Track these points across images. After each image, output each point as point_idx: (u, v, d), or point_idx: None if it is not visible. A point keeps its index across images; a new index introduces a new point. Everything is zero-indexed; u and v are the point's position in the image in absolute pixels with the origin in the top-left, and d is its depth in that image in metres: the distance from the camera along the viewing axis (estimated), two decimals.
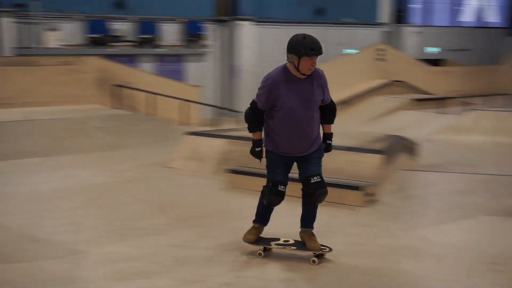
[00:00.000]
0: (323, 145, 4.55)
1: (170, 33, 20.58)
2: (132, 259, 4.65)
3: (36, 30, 18.03)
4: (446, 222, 5.74)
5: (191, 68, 21.05)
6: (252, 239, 4.66)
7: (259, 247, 4.65)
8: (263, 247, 4.64)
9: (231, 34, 21.60)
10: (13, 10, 17.60)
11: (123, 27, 19.53)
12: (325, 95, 4.41)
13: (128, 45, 19.71)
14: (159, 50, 20.31)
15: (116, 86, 14.11)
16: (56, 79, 13.38)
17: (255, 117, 4.44)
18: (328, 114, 4.54)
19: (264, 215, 4.67)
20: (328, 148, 4.60)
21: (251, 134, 4.54)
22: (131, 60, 19.14)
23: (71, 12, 18.48)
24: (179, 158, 8.71)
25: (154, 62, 20.21)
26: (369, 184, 6.32)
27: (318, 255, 4.49)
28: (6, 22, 17.53)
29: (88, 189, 7.33)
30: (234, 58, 21.57)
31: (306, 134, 4.36)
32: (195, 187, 7.39)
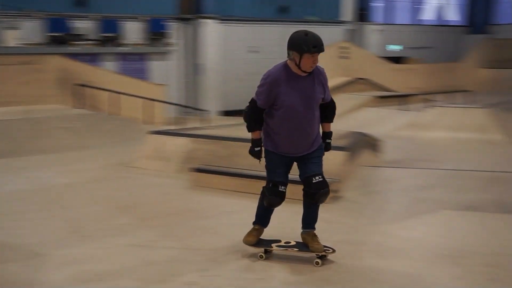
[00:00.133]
0: (323, 144, 4.48)
1: (133, 31, 20.32)
2: (95, 260, 4.58)
3: None
4: (409, 217, 5.83)
5: (155, 66, 20.85)
6: (252, 241, 4.54)
7: (260, 249, 4.55)
8: (264, 249, 4.53)
9: (195, 33, 21.47)
10: None
11: (84, 26, 19.19)
12: (325, 93, 4.33)
13: (90, 43, 19.37)
14: (122, 49, 20.03)
15: (78, 85, 13.90)
16: (16, 78, 13.11)
17: (254, 116, 4.31)
18: (328, 112, 4.46)
19: (264, 216, 4.57)
20: (328, 147, 4.52)
21: (250, 134, 4.40)
22: (93, 59, 18.84)
23: (30, 10, 18.09)
24: (143, 157, 8.63)
25: (117, 61, 19.93)
26: (333, 181, 6.35)
27: (321, 257, 4.42)
28: None
29: (50, 190, 7.20)
30: (198, 56, 21.46)
31: (307, 133, 4.27)
32: (159, 187, 7.34)
